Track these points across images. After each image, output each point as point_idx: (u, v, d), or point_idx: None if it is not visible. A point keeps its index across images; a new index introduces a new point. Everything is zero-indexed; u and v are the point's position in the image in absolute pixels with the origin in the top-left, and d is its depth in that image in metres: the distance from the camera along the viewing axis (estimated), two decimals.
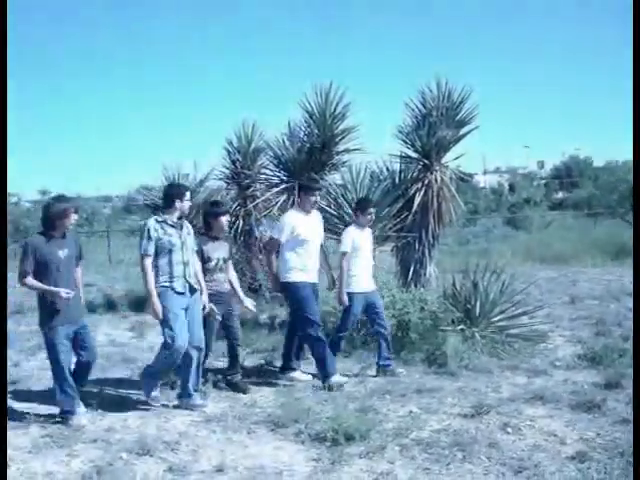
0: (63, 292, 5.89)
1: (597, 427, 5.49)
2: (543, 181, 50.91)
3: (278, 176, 12.48)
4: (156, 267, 6.28)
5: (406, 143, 10.16)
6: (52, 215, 5.99)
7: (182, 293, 6.31)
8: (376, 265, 8.65)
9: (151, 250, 6.24)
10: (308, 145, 12.10)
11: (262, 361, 7.97)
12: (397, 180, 10.17)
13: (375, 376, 7.17)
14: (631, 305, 10.53)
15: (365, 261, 7.50)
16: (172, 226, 6.33)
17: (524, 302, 8.32)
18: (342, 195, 9.85)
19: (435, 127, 9.70)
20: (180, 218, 6.43)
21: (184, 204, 6.37)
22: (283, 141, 12.33)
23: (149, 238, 6.23)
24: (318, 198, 7.45)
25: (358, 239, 7.45)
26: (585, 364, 7.26)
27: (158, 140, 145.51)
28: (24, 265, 5.88)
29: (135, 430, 5.81)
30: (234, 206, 13.09)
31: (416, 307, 8.01)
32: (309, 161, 12.05)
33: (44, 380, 7.16)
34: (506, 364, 7.29)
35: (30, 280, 5.91)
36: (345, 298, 7.23)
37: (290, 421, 5.74)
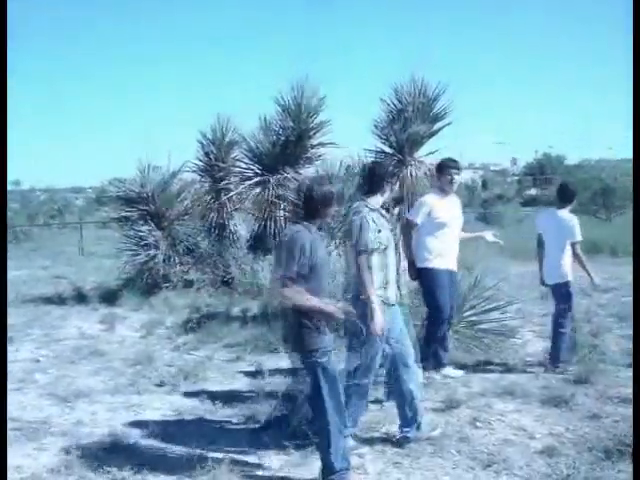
0: (339, 311, 4.48)
1: (566, 422, 5.52)
2: (516, 178, 51.34)
3: (252, 169, 12.47)
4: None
5: (381, 138, 10.16)
6: (318, 199, 4.48)
7: (393, 305, 5.17)
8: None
9: (370, 245, 4.88)
10: (283, 138, 12.10)
11: (233, 355, 7.93)
12: None
13: None
14: (602, 301, 10.67)
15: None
16: (383, 216, 5.09)
17: (495, 297, 8.33)
18: None
19: (410, 122, 9.70)
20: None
21: (395, 187, 5.45)
22: (257, 134, 12.32)
23: (367, 229, 4.85)
24: (457, 177, 6.69)
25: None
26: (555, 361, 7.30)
27: (132, 131, 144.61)
28: (289, 266, 4.24)
29: (104, 424, 5.76)
30: (207, 199, 13.07)
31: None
32: (284, 154, 12.05)
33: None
34: (477, 359, 7.32)
35: (294, 290, 4.25)
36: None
37: (261, 415, 5.73)
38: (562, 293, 7.14)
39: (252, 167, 12.48)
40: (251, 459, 4.94)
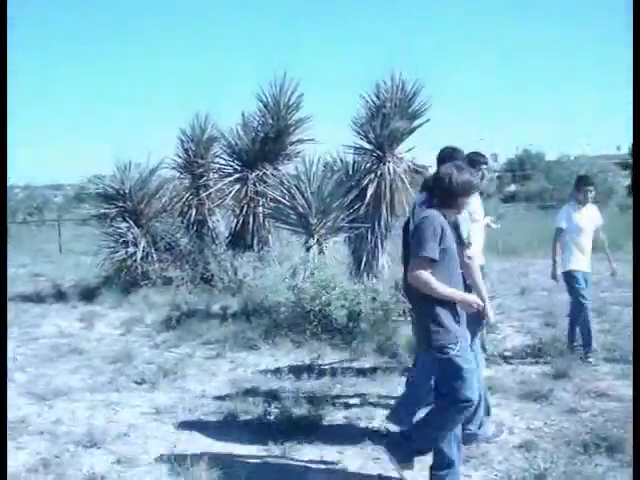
0: (475, 301, 4.26)
1: (544, 416, 5.56)
2: (496, 174, 51.44)
3: (231, 166, 12.46)
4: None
5: (360, 134, 10.15)
6: (458, 188, 4.17)
7: None
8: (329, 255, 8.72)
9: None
10: (262, 135, 12.10)
11: (212, 352, 7.92)
12: (350, 171, 10.17)
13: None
14: None
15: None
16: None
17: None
18: (295, 186, 9.83)
19: (388, 119, 9.70)
20: None
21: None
22: (237, 131, 12.30)
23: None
24: (486, 172, 6.33)
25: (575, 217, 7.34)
26: (534, 354, 7.36)
27: (112, 128, 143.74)
28: (432, 248, 3.99)
29: (83, 422, 5.74)
30: (186, 195, 13.03)
31: (368, 298, 8.04)
32: (263, 151, 12.06)
33: None
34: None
35: (430, 275, 4.02)
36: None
37: (239, 412, 5.73)
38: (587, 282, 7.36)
39: (231, 163, 12.47)
40: (232, 456, 4.94)
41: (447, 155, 5.09)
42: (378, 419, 5.58)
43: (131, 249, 12.19)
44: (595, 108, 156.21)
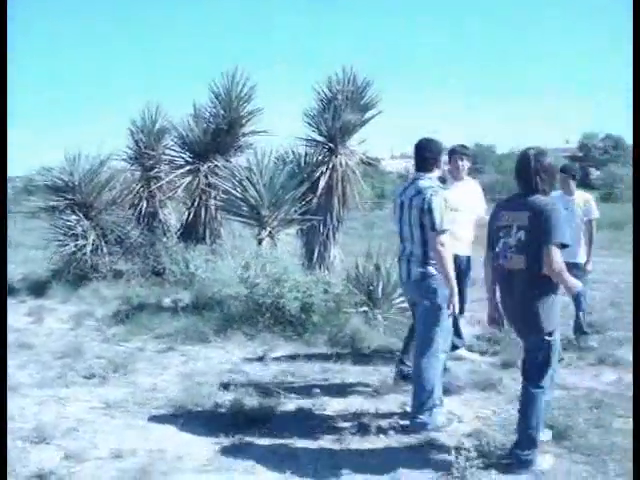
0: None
1: (493, 405, 5.65)
2: (447, 167, 52.00)
3: (183, 157, 12.37)
4: None
5: (312, 126, 10.17)
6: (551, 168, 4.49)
7: None
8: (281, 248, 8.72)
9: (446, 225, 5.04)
10: (214, 126, 12.03)
11: (164, 345, 7.86)
12: (303, 163, 10.19)
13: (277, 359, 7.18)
14: None
15: None
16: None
17: None
18: (247, 178, 9.81)
19: (340, 111, 9.74)
20: None
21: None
22: (188, 122, 12.22)
23: (445, 209, 5.05)
24: (464, 163, 6.74)
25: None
26: (483, 344, 7.45)
27: (60, 119, 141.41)
28: (566, 234, 4.32)
29: (32, 417, 5.65)
30: (137, 187, 12.89)
31: (319, 289, 8.06)
32: (215, 143, 11.99)
33: None
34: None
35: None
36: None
37: (191, 405, 5.70)
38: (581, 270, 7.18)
39: (183, 155, 12.39)
40: (183, 449, 4.92)
41: (423, 146, 5.32)
42: (330, 410, 5.62)
43: (80, 242, 12.00)
44: (547, 101, 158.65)
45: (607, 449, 4.71)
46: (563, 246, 4.26)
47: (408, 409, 5.44)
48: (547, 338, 4.39)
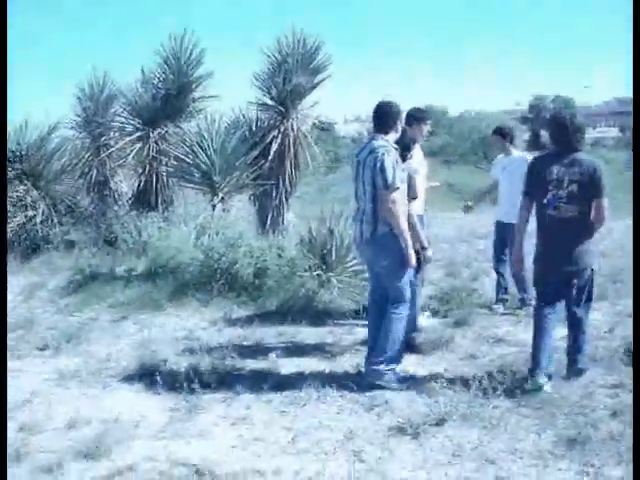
0: None
1: (446, 363, 5.74)
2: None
3: (132, 124, 12.16)
4: None
5: (262, 90, 10.09)
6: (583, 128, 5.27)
7: None
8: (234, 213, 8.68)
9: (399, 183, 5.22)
10: (163, 92, 11.85)
11: (117, 315, 7.80)
12: (254, 128, 10.11)
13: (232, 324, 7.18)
14: (480, 247, 11.06)
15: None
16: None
17: None
18: (198, 143, 9.71)
19: (290, 74, 9.67)
20: None
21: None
22: (137, 88, 12.01)
23: (398, 168, 5.23)
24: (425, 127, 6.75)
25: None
26: (435, 304, 7.54)
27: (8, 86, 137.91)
28: None
29: None
30: (87, 156, 12.67)
31: (273, 254, 8.07)
32: (164, 108, 11.81)
33: None
34: (362, 306, 7.47)
35: None
36: None
37: (146, 373, 5.69)
38: None
39: (132, 122, 12.17)
40: (140, 416, 4.92)
41: (382, 108, 5.46)
42: (284, 373, 5.66)
43: (30, 213, 11.80)
44: (499, 64, 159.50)
45: (556, 402, 4.83)
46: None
47: (362, 369, 5.52)
48: (592, 269, 5.23)
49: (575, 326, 5.31)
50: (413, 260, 5.24)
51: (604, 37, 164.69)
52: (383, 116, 5.44)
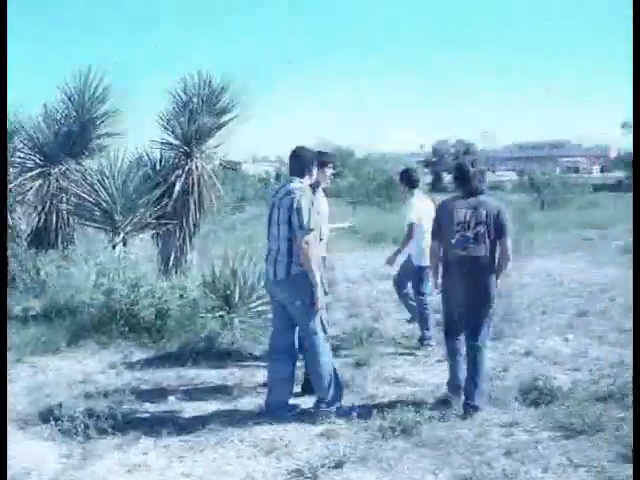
0: None
1: (345, 404, 5.76)
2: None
3: (32, 160, 11.86)
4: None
5: (167, 129, 10.05)
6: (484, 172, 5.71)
7: None
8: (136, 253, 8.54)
9: (314, 225, 5.38)
10: (65, 128, 11.63)
11: (12, 357, 7.52)
12: (158, 167, 10.04)
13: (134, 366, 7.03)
14: (382, 287, 11.22)
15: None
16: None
17: None
18: (99, 181, 9.56)
19: (195, 114, 9.68)
20: None
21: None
22: (38, 123, 11.76)
23: (313, 210, 5.43)
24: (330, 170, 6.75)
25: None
26: (336, 344, 7.59)
27: None
28: None
29: None
30: None
31: (175, 295, 7.98)
32: (67, 145, 11.59)
33: None
34: (264, 348, 7.45)
35: None
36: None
37: (40, 418, 5.51)
38: (427, 273, 7.34)
39: (32, 157, 11.85)
40: (31, 461, 4.75)
41: (297, 153, 5.64)
42: (184, 418, 5.59)
43: None
44: (406, 107, 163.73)
45: (453, 442, 4.93)
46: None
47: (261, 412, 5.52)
48: (492, 305, 5.49)
49: (474, 362, 5.50)
50: (321, 302, 5.35)
51: (509, 83, 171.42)
52: (299, 160, 5.62)
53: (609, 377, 6.18)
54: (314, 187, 6.34)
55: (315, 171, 5.72)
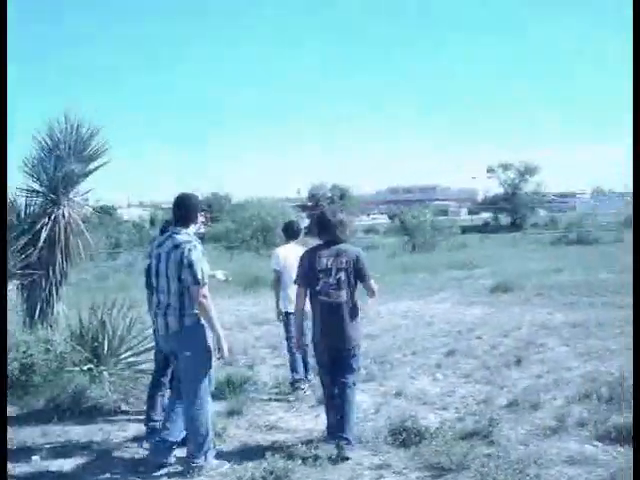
0: None
1: (217, 456, 5.64)
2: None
3: None
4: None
5: (32, 176, 9.71)
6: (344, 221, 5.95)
7: None
8: None
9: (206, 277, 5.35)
10: None
11: None
12: (23, 214, 9.66)
13: None
14: (258, 334, 11.20)
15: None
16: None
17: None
18: None
19: (62, 161, 9.40)
20: None
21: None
22: None
23: (204, 261, 5.39)
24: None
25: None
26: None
27: None
28: None
29: None
30: None
31: (41, 349, 7.66)
32: None
33: None
34: (134, 401, 7.25)
35: None
36: None
37: None
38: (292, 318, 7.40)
39: None
40: None
41: (181, 201, 5.54)
42: (47, 474, 5.35)
43: None
44: (284, 153, 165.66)
45: None
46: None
47: (142, 468, 5.37)
48: (357, 348, 5.75)
49: (344, 399, 5.64)
50: (226, 349, 5.36)
51: (391, 128, 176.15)
52: (184, 208, 5.52)
53: (474, 415, 6.37)
54: None
55: (200, 219, 5.65)
